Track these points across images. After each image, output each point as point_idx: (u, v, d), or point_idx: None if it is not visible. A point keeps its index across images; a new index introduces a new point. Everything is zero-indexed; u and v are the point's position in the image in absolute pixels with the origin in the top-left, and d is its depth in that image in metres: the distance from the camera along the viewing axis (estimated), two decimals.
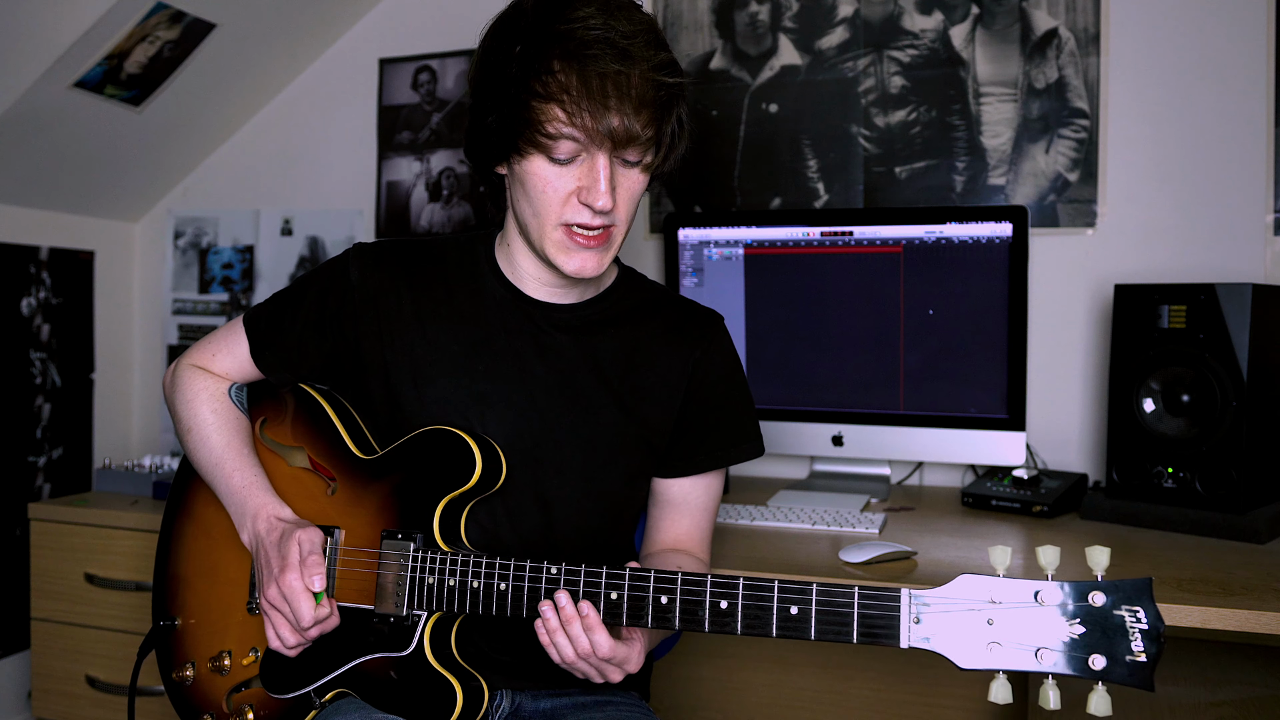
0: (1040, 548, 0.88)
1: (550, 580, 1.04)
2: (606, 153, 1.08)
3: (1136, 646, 0.84)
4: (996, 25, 2.08)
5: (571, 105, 1.05)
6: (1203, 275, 1.92)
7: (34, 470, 2.41)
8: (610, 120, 1.06)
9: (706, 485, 1.30)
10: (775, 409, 2.04)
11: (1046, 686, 0.87)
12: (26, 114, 2.10)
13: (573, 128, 1.06)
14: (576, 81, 1.05)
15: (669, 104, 1.11)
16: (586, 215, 1.11)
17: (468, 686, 1.11)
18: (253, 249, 2.64)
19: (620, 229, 1.15)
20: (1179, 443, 1.66)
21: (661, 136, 1.12)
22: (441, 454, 1.15)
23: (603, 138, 1.06)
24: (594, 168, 1.09)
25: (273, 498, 1.20)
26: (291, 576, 1.09)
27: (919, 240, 1.91)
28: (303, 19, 2.42)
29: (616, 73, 1.05)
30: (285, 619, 1.11)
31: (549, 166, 1.10)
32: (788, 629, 0.94)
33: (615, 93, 1.05)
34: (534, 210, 1.13)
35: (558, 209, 1.11)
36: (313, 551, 1.12)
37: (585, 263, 1.14)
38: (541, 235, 1.14)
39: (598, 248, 1.13)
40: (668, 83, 1.10)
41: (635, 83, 1.06)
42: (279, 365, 1.28)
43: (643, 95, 1.07)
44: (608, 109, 1.05)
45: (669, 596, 0.99)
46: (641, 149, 1.11)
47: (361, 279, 1.24)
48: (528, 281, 1.23)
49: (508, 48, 1.09)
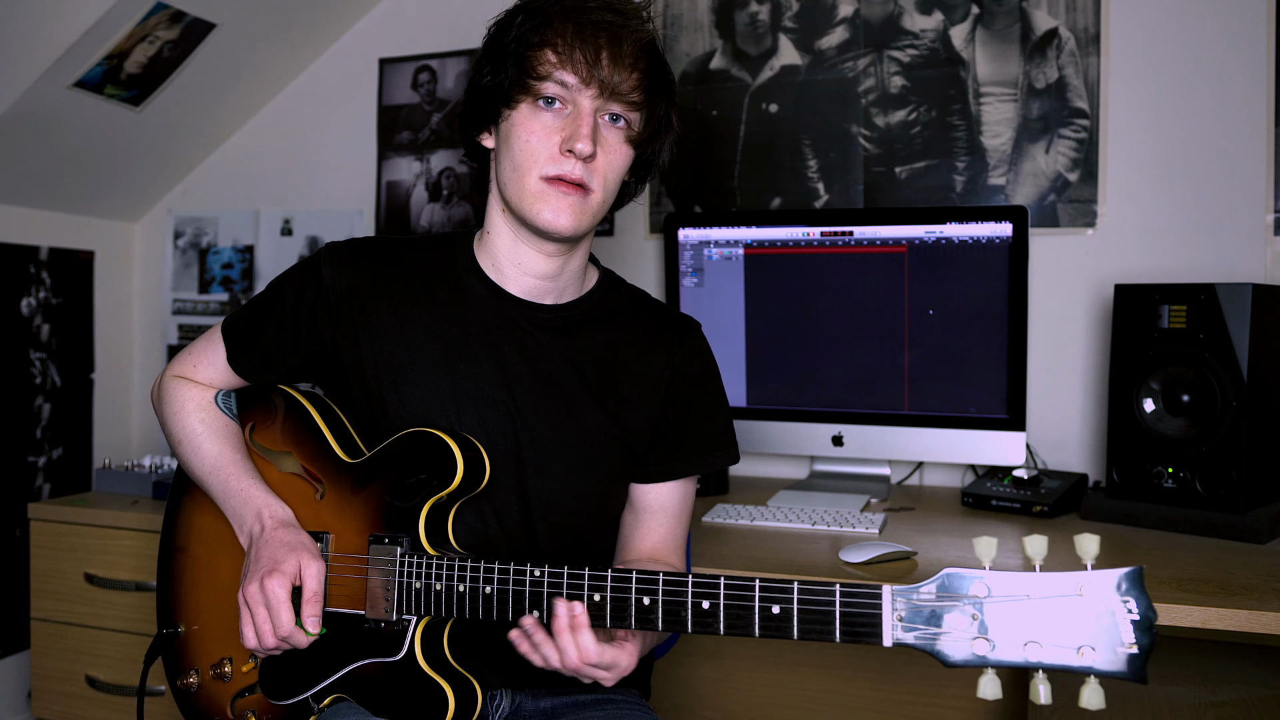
0: (1027, 538, 0.85)
1: (534, 583, 1.03)
2: (591, 100, 1.12)
3: (1129, 637, 0.81)
4: (996, 25, 2.08)
5: (564, 47, 1.11)
6: (1203, 275, 1.92)
7: (34, 470, 2.41)
8: (600, 67, 1.10)
9: (683, 492, 1.30)
10: (775, 409, 2.04)
11: (1037, 681, 0.85)
12: (26, 114, 2.10)
13: (561, 70, 1.11)
14: (571, 29, 1.11)
15: (657, 79, 1.16)
16: (568, 165, 1.12)
17: (460, 690, 1.11)
18: (253, 249, 2.64)
19: (597, 195, 1.15)
20: (1179, 443, 1.66)
21: (650, 109, 1.16)
22: (424, 456, 1.14)
23: (590, 79, 1.10)
24: (578, 115, 1.12)
25: (272, 497, 1.20)
26: (276, 581, 1.09)
27: (919, 240, 1.91)
28: (303, 19, 2.42)
29: (609, 22, 1.11)
30: (255, 619, 1.11)
31: (535, 115, 1.13)
32: (770, 628, 0.93)
33: (608, 42, 1.11)
34: (514, 165, 1.15)
35: (540, 159, 1.13)
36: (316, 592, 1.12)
37: (560, 214, 1.13)
38: (521, 189, 1.15)
39: (574, 197, 1.14)
40: (658, 51, 1.16)
41: (627, 35, 1.12)
42: (256, 369, 1.28)
43: (633, 51, 1.12)
44: (598, 54, 1.10)
45: (651, 597, 0.98)
46: (626, 106, 1.14)
47: (334, 279, 1.22)
48: (508, 277, 1.22)
49: (512, 20, 1.16)
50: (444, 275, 1.24)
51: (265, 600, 1.10)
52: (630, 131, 1.16)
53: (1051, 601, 0.83)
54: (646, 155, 1.20)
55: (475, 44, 1.19)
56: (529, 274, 1.22)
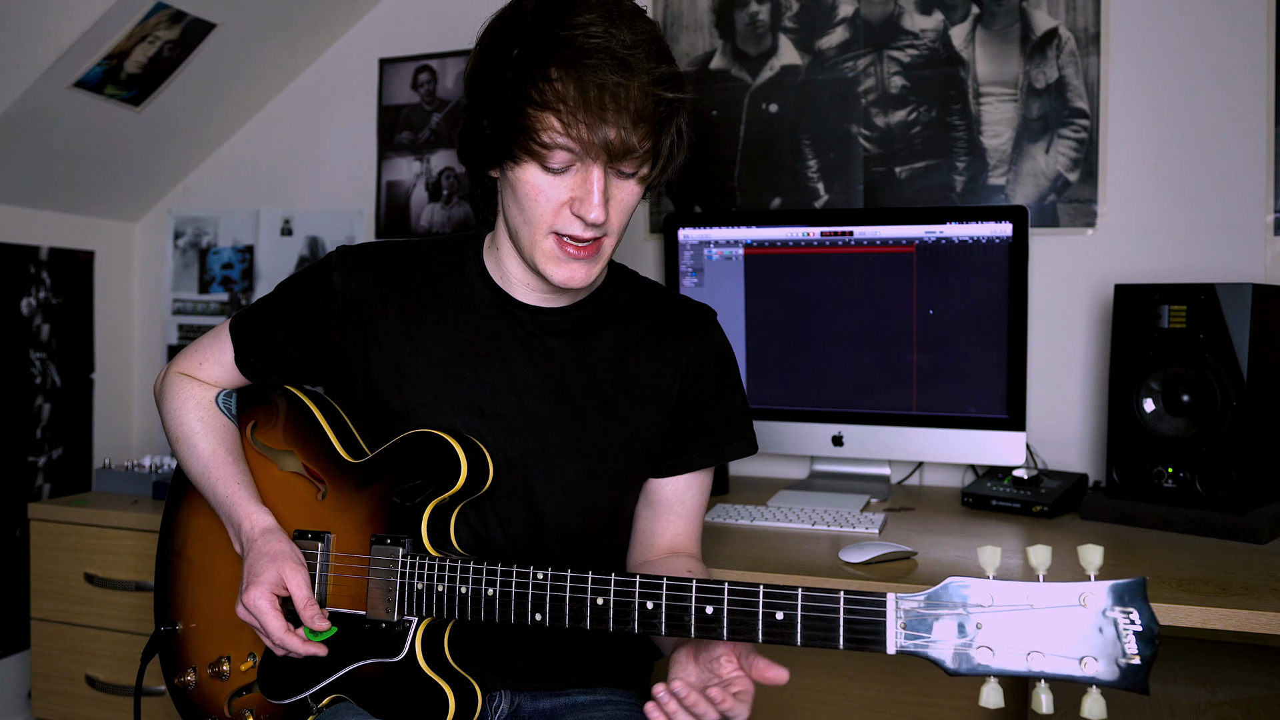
0: (1031, 548, 0.86)
1: (537, 586, 1.03)
2: (601, 164, 1.06)
3: (1131, 649, 0.82)
4: (996, 25, 2.08)
5: (568, 115, 1.03)
6: (1203, 275, 1.92)
7: (34, 470, 2.41)
8: (606, 132, 1.03)
9: (700, 485, 1.29)
10: (775, 409, 2.04)
11: (1039, 690, 0.85)
12: (26, 114, 2.10)
13: (568, 138, 1.04)
14: (574, 91, 1.02)
15: (668, 117, 1.10)
16: (578, 227, 1.09)
17: (460, 691, 1.11)
18: (253, 249, 2.64)
19: (612, 239, 1.13)
20: (1179, 443, 1.66)
21: (659, 149, 1.10)
22: (427, 458, 1.14)
23: (598, 150, 1.04)
24: (588, 179, 1.07)
25: (256, 506, 1.20)
26: (256, 593, 1.11)
27: (919, 240, 1.91)
28: (303, 19, 2.42)
29: (615, 84, 1.02)
30: (257, 631, 1.14)
31: (542, 175, 1.08)
32: (773, 635, 0.93)
33: (613, 105, 1.03)
34: (525, 218, 1.11)
35: (549, 218, 1.09)
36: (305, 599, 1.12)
37: (574, 273, 1.12)
38: (532, 244, 1.12)
39: (588, 259, 1.12)
40: (667, 97, 1.08)
41: (634, 95, 1.04)
42: (263, 370, 1.28)
43: (641, 108, 1.05)
44: (604, 121, 1.03)
45: (655, 602, 0.98)
46: (637, 162, 1.09)
47: (344, 284, 1.22)
48: (516, 286, 1.22)
49: (505, 50, 1.07)
50: (452, 280, 1.24)
51: (253, 613, 1.12)
52: (641, 174, 1.12)
53: (1054, 612, 0.84)
54: (662, 180, 1.16)
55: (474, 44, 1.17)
56: (537, 290, 1.21)
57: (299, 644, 1.12)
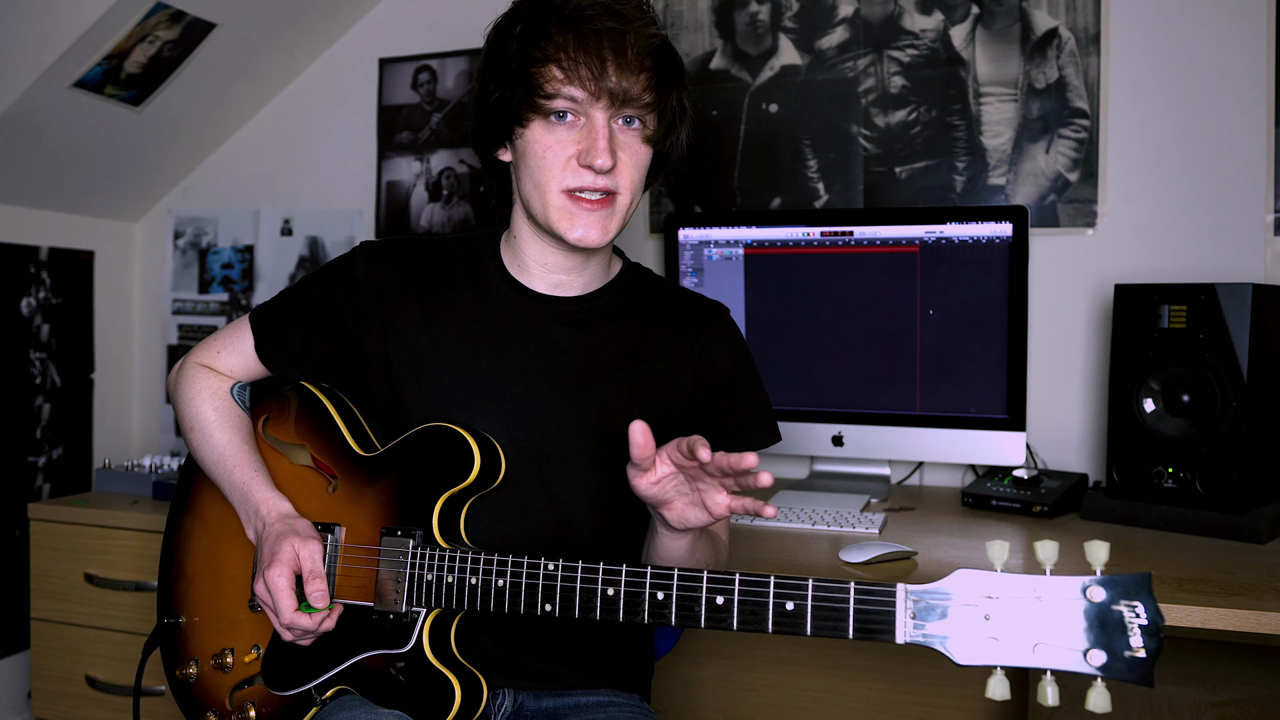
0: (1038, 542, 0.87)
1: (548, 577, 1.04)
2: (603, 111, 1.11)
3: (1136, 642, 0.83)
4: (996, 25, 2.08)
5: (568, 62, 1.09)
6: (1203, 275, 1.92)
7: (34, 470, 2.41)
8: (608, 78, 1.09)
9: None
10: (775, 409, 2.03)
11: (1045, 683, 0.86)
12: (26, 114, 2.10)
13: (569, 85, 1.09)
14: (573, 40, 1.09)
15: (667, 73, 1.14)
16: (588, 177, 1.12)
17: (466, 684, 1.11)
18: (252, 249, 2.64)
19: (624, 197, 1.15)
20: (1179, 443, 1.66)
21: (662, 105, 1.14)
22: (440, 450, 1.15)
23: (600, 92, 1.09)
24: (593, 128, 1.11)
25: (273, 493, 1.21)
26: (277, 570, 1.11)
27: (919, 240, 1.91)
28: (303, 19, 2.42)
29: (611, 29, 1.09)
30: (269, 613, 1.14)
31: (548, 131, 1.12)
32: (784, 625, 0.94)
33: (611, 48, 1.09)
34: (535, 181, 1.14)
35: (559, 173, 1.13)
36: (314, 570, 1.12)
37: (589, 229, 1.14)
38: (545, 205, 1.15)
39: (601, 211, 1.14)
40: (661, 38, 1.13)
41: (631, 41, 1.10)
42: (283, 361, 1.29)
43: (639, 54, 1.10)
44: (604, 65, 1.09)
45: (665, 592, 0.99)
46: (641, 110, 1.13)
47: (367, 276, 1.24)
48: (533, 275, 1.24)
49: (510, 30, 1.14)
50: (470, 274, 1.26)
51: (271, 590, 1.12)
52: (646, 130, 1.15)
53: (1061, 604, 0.85)
54: (665, 149, 1.20)
55: (475, 44, 1.19)
56: (554, 270, 1.23)
57: (308, 620, 1.12)
